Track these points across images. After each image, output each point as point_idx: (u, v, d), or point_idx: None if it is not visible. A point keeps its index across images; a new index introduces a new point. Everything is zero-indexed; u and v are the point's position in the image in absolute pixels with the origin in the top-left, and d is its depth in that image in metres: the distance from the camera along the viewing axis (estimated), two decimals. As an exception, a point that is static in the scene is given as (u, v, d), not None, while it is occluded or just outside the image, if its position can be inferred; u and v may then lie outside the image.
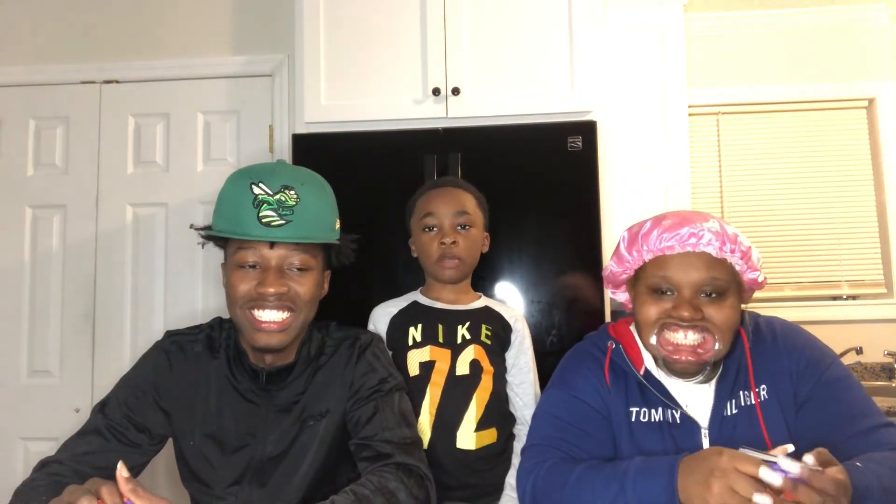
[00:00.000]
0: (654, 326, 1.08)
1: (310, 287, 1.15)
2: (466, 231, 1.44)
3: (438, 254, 1.42)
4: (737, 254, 1.06)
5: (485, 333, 1.44)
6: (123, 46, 2.53)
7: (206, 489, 1.18)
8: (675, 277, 1.06)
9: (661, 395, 1.11)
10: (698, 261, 1.05)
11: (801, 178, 2.69)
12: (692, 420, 1.10)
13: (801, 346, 1.12)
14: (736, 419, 1.08)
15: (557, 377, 1.23)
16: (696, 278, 1.05)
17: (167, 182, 2.46)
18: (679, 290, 1.06)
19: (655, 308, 1.08)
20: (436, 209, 1.44)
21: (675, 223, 1.07)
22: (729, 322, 1.05)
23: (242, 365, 1.20)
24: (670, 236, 1.06)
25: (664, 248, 1.07)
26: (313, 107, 2.01)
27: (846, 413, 1.05)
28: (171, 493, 2.11)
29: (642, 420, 1.11)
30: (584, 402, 1.15)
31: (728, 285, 1.06)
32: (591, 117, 1.93)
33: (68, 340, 2.42)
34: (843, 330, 2.54)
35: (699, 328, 1.04)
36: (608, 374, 1.15)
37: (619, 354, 1.16)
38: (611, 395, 1.14)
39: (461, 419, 1.37)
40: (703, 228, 1.05)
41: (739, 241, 1.06)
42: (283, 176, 1.12)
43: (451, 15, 2.00)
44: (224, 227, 1.12)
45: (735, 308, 1.07)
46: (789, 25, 2.69)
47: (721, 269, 1.06)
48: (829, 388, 1.07)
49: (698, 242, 1.05)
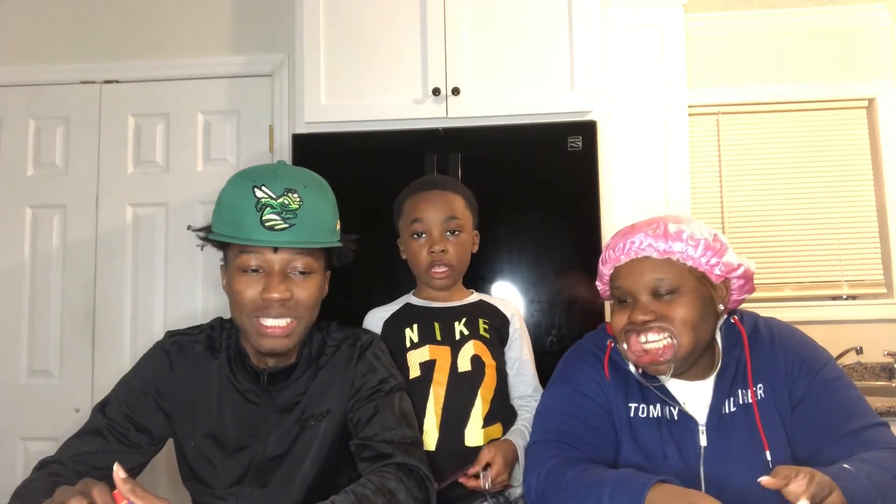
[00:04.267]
0: (621, 334, 1.13)
1: (313, 291, 1.15)
2: (456, 237, 1.42)
3: (428, 262, 1.41)
4: (687, 251, 1.09)
5: (483, 328, 1.43)
6: (123, 46, 2.53)
7: (206, 489, 1.18)
8: (626, 286, 1.12)
9: (660, 392, 1.13)
10: (642, 266, 1.11)
11: (801, 178, 2.69)
12: (690, 417, 1.11)
13: (797, 347, 1.14)
14: (734, 417, 1.09)
15: (558, 374, 1.25)
16: (642, 282, 1.10)
17: (167, 182, 2.46)
18: (634, 297, 1.12)
19: (620, 317, 1.13)
20: (424, 215, 1.41)
21: (619, 235, 1.15)
22: (686, 317, 1.07)
23: (243, 365, 1.20)
24: (616, 249, 1.14)
25: (614, 260, 1.15)
26: (313, 107, 2.01)
27: (839, 412, 1.06)
28: (171, 492, 2.11)
29: (641, 416, 1.13)
30: (585, 395, 1.17)
31: (679, 282, 1.09)
32: (591, 117, 1.93)
33: (68, 340, 2.42)
34: (843, 330, 2.54)
35: (656, 328, 1.08)
36: (608, 370, 1.18)
37: (617, 352, 1.19)
38: (611, 389, 1.17)
39: (468, 416, 1.35)
40: (639, 235, 1.11)
41: (686, 238, 1.09)
42: (286, 178, 1.11)
43: (451, 15, 2.00)
44: (226, 231, 1.11)
45: (694, 302, 1.09)
46: (789, 25, 2.69)
47: (666, 268, 1.10)
48: (822, 388, 1.09)
49: (639, 249, 1.11)
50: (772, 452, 1.06)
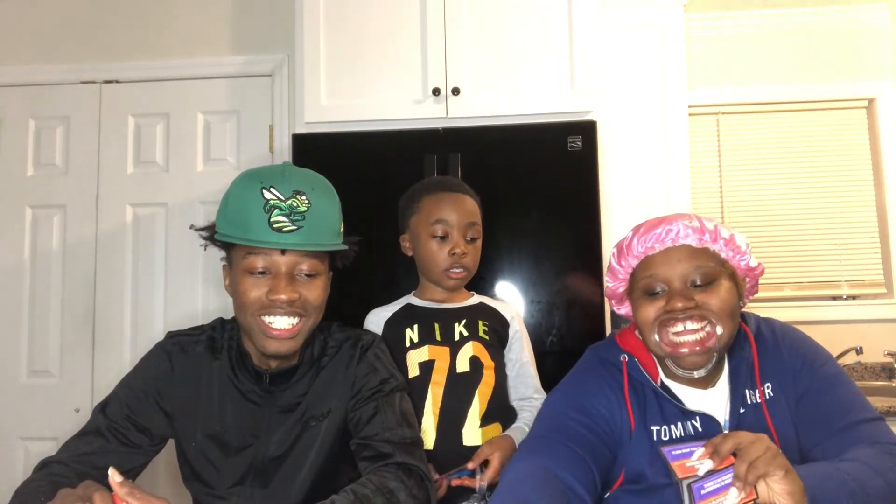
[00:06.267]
0: (653, 325, 1.09)
1: (319, 292, 1.16)
2: (474, 242, 1.45)
3: (448, 264, 1.41)
4: (718, 242, 1.09)
5: (482, 329, 1.43)
6: (123, 46, 2.53)
7: (207, 489, 1.18)
8: (662, 274, 1.09)
9: (677, 402, 1.10)
10: (680, 253, 1.09)
11: (801, 178, 2.69)
12: (712, 422, 1.09)
13: (799, 344, 1.15)
14: (744, 417, 1.09)
15: (564, 384, 1.20)
16: (681, 270, 1.08)
17: (167, 182, 2.46)
18: (669, 285, 1.09)
19: (652, 308, 1.10)
20: (449, 217, 1.41)
21: (651, 225, 1.12)
22: (725, 305, 1.06)
23: (245, 366, 1.20)
24: (649, 237, 1.10)
25: (646, 249, 1.11)
26: (313, 107, 2.01)
27: (837, 407, 1.07)
28: (171, 492, 2.11)
29: (664, 438, 1.10)
30: (590, 403, 1.13)
31: (716, 271, 1.08)
32: (590, 117, 1.93)
33: (68, 340, 2.42)
34: (843, 330, 2.54)
35: (696, 317, 1.06)
36: (629, 396, 1.13)
37: (634, 367, 1.15)
38: (634, 423, 1.11)
39: (465, 416, 1.36)
40: (678, 223, 1.09)
41: (719, 230, 1.09)
42: (294, 180, 1.11)
43: (451, 15, 2.00)
44: (232, 231, 1.11)
45: (730, 292, 1.08)
46: (789, 25, 2.69)
47: (705, 257, 1.08)
48: (822, 383, 1.09)
49: (676, 237, 1.09)
50: (783, 449, 1.03)
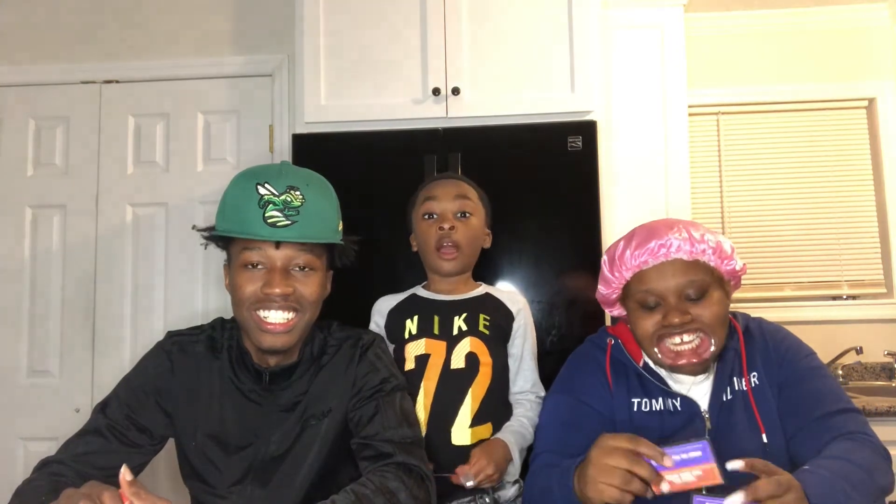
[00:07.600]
0: (652, 339, 1.14)
1: (315, 287, 1.16)
2: (466, 219, 1.44)
3: (437, 239, 1.42)
4: (708, 252, 1.12)
5: (483, 324, 1.42)
6: (123, 46, 2.53)
7: (208, 488, 1.18)
8: (656, 289, 1.13)
9: (661, 384, 1.16)
10: (673, 268, 1.12)
11: (801, 178, 2.69)
12: (693, 402, 1.14)
13: (784, 338, 1.20)
14: (732, 404, 1.14)
15: (561, 381, 1.26)
16: (675, 285, 1.12)
17: (167, 182, 2.46)
18: (664, 299, 1.12)
19: (649, 321, 1.14)
20: (436, 194, 1.45)
21: (643, 238, 1.14)
22: (717, 317, 1.11)
23: (245, 365, 1.21)
24: (641, 252, 1.13)
25: (640, 264, 1.14)
26: (313, 107, 2.01)
27: (814, 397, 1.11)
28: (171, 491, 2.11)
29: (643, 410, 1.16)
30: (586, 404, 1.19)
31: (708, 283, 1.12)
32: (591, 117, 1.93)
33: (68, 340, 2.42)
34: (843, 330, 2.54)
35: (692, 329, 1.10)
36: (610, 372, 1.20)
37: (618, 349, 1.22)
38: (614, 395, 1.19)
39: (455, 415, 1.35)
40: (670, 237, 1.11)
41: (707, 240, 1.12)
42: (289, 177, 1.13)
43: (451, 15, 2.00)
44: (229, 228, 1.12)
45: (721, 302, 1.13)
46: (789, 25, 2.69)
47: (696, 269, 1.12)
48: (803, 375, 1.14)
49: (668, 252, 1.11)
50: (768, 436, 1.10)
